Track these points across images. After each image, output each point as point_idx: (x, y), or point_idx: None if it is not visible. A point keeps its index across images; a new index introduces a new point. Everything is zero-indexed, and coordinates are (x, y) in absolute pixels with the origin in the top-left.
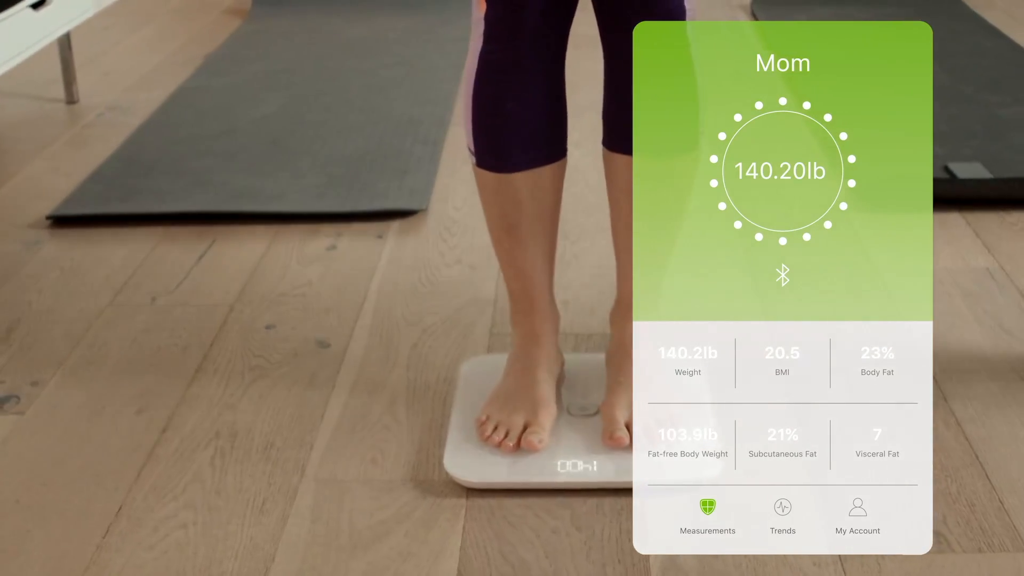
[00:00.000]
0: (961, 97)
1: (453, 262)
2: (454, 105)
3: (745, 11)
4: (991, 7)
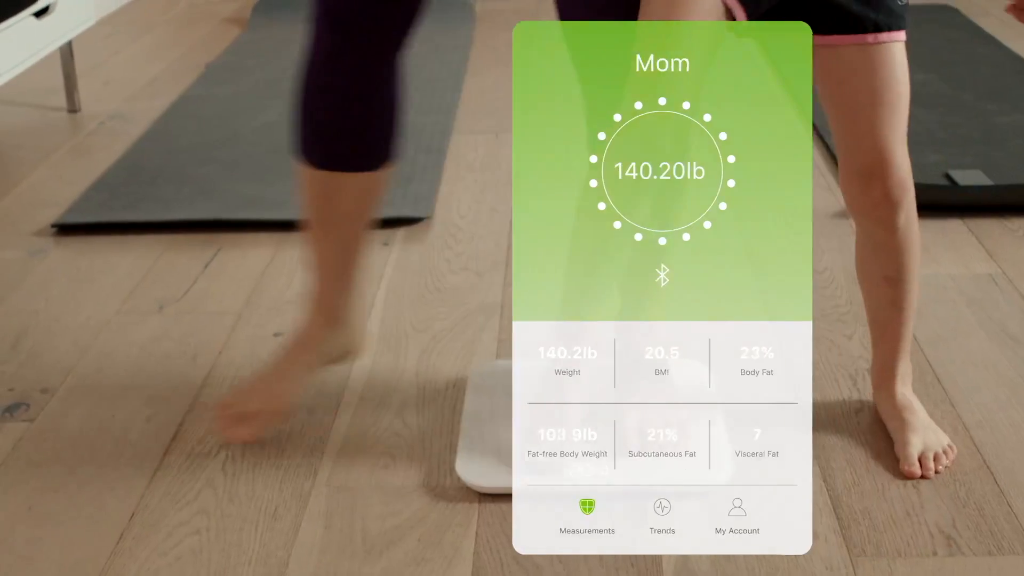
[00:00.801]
0: (960, 105)
1: (459, 268)
2: (456, 113)
3: None
4: (987, 16)
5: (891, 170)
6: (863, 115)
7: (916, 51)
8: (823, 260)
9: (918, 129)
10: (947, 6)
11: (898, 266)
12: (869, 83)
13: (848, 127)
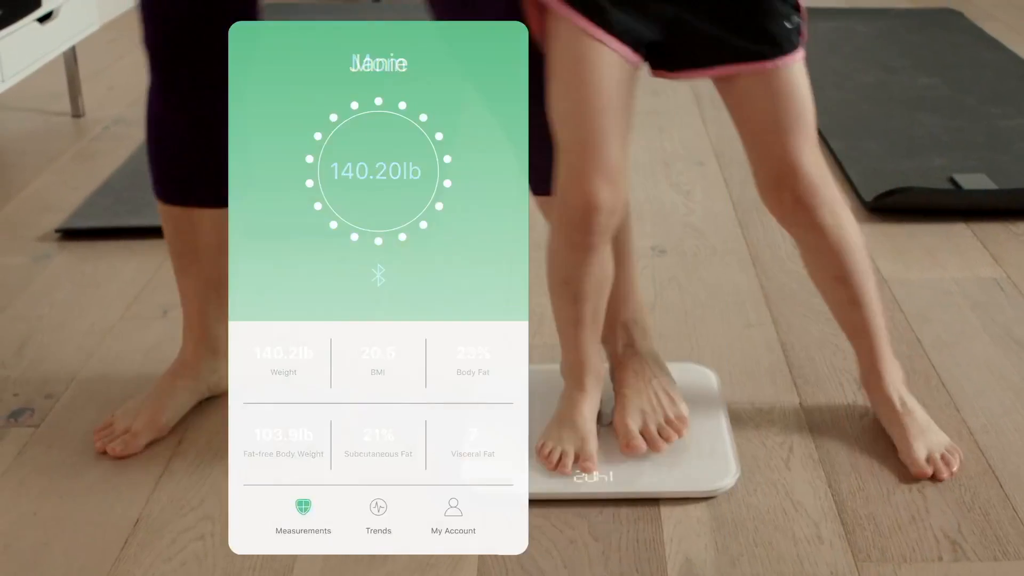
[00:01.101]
0: (964, 109)
1: None
2: None
3: None
4: (992, 19)
5: (798, 177)
6: (766, 133)
7: (920, 55)
8: None
9: (922, 134)
10: (951, 10)
11: (841, 264)
12: (768, 106)
13: (753, 144)
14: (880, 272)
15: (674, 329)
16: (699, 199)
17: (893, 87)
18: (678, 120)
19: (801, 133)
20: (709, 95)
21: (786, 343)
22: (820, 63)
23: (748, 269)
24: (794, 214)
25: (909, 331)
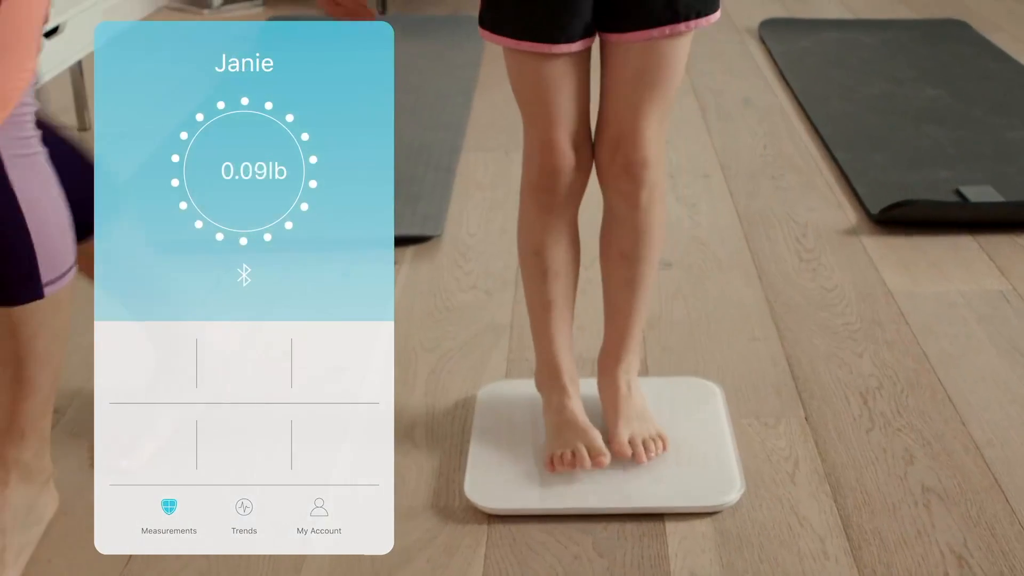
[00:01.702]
0: (970, 120)
1: (468, 287)
2: (466, 131)
3: (752, 34)
4: (999, 30)
5: (638, 143)
6: (632, 95)
7: (926, 67)
8: (833, 277)
9: (928, 145)
10: (958, 21)
11: (634, 243)
12: (649, 68)
13: (613, 101)
14: (886, 285)
15: (680, 343)
16: (705, 212)
17: (899, 99)
18: (684, 133)
19: (659, 104)
20: (715, 106)
21: (791, 357)
22: (826, 75)
23: (754, 282)
24: (617, 179)
25: (915, 344)
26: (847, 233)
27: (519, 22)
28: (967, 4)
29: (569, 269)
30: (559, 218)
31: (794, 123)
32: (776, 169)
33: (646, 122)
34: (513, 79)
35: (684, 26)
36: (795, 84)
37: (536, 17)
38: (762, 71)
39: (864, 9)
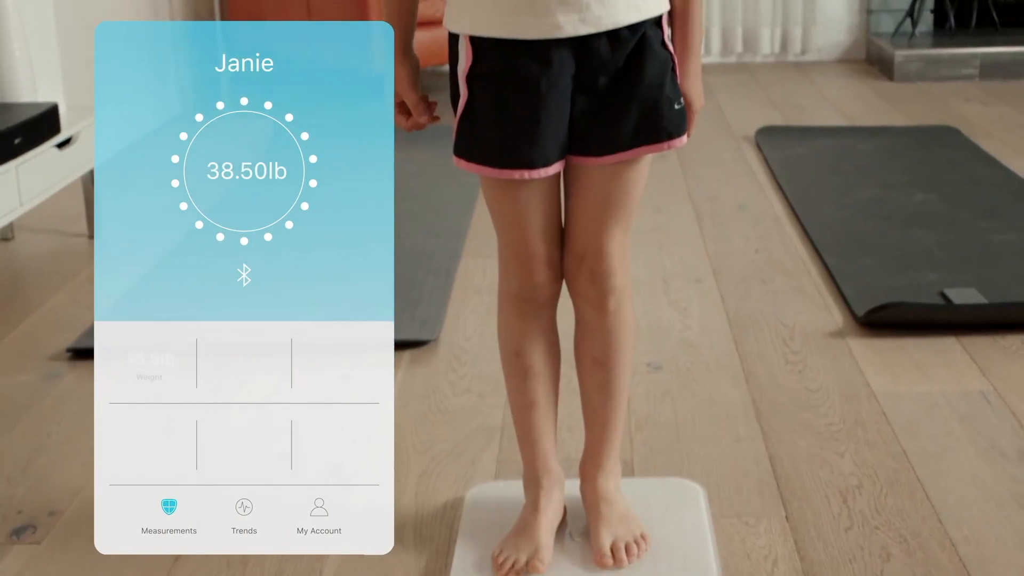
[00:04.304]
0: (958, 224)
1: (462, 391)
2: (467, 236)
3: (749, 141)
4: (989, 136)
5: (602, 256)
6: (596, 212)
7: (918, 172)
8: (817, 379)
9: (916, 249)
10: (949, 127)
11: (606, 348)
12: (612, 189)
13: (578, 219)
14: (870, 385)
15: (666, 443)
16: (696, 315)
17: (890, 203)
18: (678, 237)
19: (623, 219)
20: (710, 212)
21: (775, 457)
22: (822, 180)
23: (740, 384)
24: (585, 289)
25: (896, 443)
26: (833, 335)
27: (496, 151)
28: (958, 110)
29: (549, 369)
30: (536, 321)
31: (786, 228)
32: (767, 273)
33: (609, 236)
34: (489, 201)
35: (656, 147)
36: (789, 190)
37: (513, 145)
38: (757, 177)
39: (859, 116)
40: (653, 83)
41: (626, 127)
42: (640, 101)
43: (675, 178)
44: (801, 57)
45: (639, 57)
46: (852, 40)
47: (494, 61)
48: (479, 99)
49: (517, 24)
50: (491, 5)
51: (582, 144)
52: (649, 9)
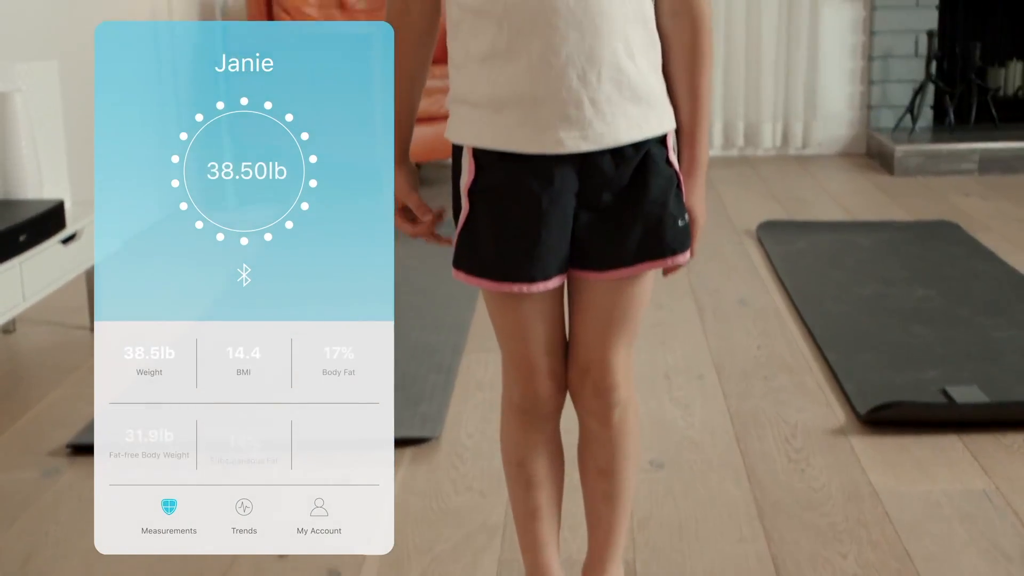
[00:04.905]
0: (957, 320)
1: (464, 489)
2: (469, 330)
3: (751, 235)
4: (988, 231)
5: (607, 370)
6: (600, 326)
7: (917, 267)
8: (820, 477)
9: (917, 345)
10: (949, 222)
11: (610, 459)
12: (616, 303)
13: (580, 333)
14: (872, 485)
15: (668, 544)
16: (698, 412)
17: (891, 299)
18: (680, 332)
19: (627, 333)
20: (712, 307)
21: (777, 557)
22: (822, 276)
23: (743, 483)
24: (589, 402)
25: (899, 544)
26: (835, 433)
27: (496, 264)
28: (958, 205)
29: (552, 479)
30: (540, 432)
31: (788, 323)
32: (769, 369)
33: (614, 350)
34: (490, 313)
35: (660, 263)
36: (790, 284)
37: (513, 259)
38: (759, 272)
39: (860, 210)
40: (657, 200)
41: (629, 243)
42: (644, 218)
43: (677, 273)
44: (802, 151)
45: (643, 174)
46: (853, 134)
47: (496, 175)
48: (480, 213)
49: (519, 139)
50: (493, 119)
51: (585, 259)
52: (652, 128)
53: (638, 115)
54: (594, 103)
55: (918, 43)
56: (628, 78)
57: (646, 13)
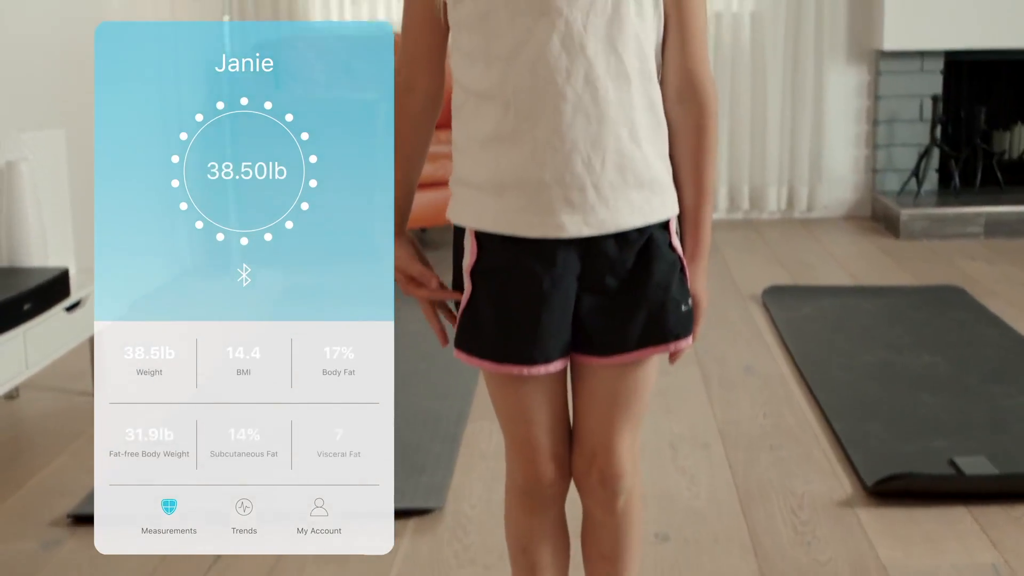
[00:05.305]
0: (965, 389)
1: (467, 562)
2: (473, 398)
3: (756, 301)
4: (994, 296)
5: (612, 458)
6: (604, 414)
7: (923, 333)
8: (826, 551)
9: (924, 414)
10: (955, 287)
11: (614, 544)
12: (619, 389)
13: (584, 419)
14: (879, 558)
15: None
16: (703, 483)
17: (897, 366)
18: (686, 400)
19: (632, 419)
20: (717, 375)
21: None
22: (827, 342)
23: (748, 556)
24: (594, 489)
25: None
26: (842, 504)
27: (496, 346)
28: (964, 269)
29: (557, 566)
30: (544, 516)
31: (794, 391)
32: (775, 439)
33: (619, 437)
34: (491, 395)
35: (662, 348)
36: (796, 351)
37: (514, 340)
38: (764, 338)
39: (865, 274)
40: (660, 284)
41: (632, 328)
42: (647, 303)
43: None
44: (808, 214)
45: (646, 259)
46: (858, 198)
47: (498, 257)
48: (482, 294)
49: (521, 223)
50: (496, 202)
51: (587, 343)
52: (655, 214)
53: (641, 201)
54: (597, 188)
55: (923, 107)
56: (633, 164)
57: (653, 98)
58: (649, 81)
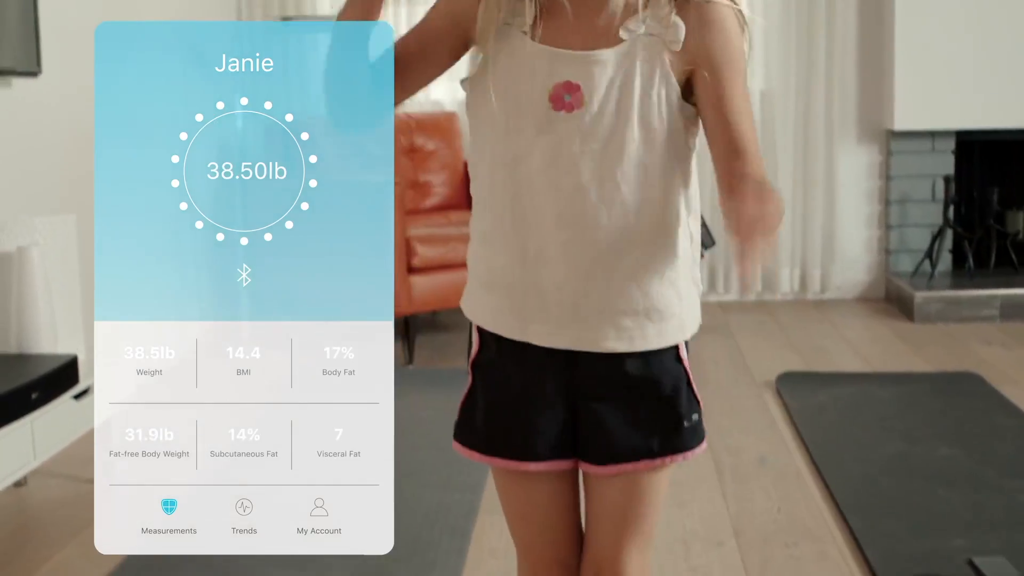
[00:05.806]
0: (983, 483)
1: None
2: (484, 490)
3: (770, 387)
4: (1011, 383)
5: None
6: (610, 527)
7: (940, 423)
8: None
9: (942, 510)
10: (971, 373)
11: None
12: (628, 502)
13: (592, 530)
14: None
15: None
16: None
17: (913, 459)
18: (699, 495)
19: (642, 534)
20: (731, 467)
21: None
22: (843, 433)
23: None
24: None
25: None
26: None
27: (488, 439)
28: (980, 354)
29: None
30: None
31: (809, 485)
32: (790, 536)
33: (626, 554)
34: (498, 490)
35: (659, 461)
36: (811, 442)
37: (503, 435)
38: (778, 427)
39: (879, 359)
40: (663, 396)
41: (632, 440)
42: (650, 416)
43: None
44: (821, 295)
45: (647, 373)
46: (871, 279)
47: (492, 351)
48: (479, 386)
49: (502, 324)
50: (488, 299)
51: (584, 451)
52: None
53: (633, 326)
54: (575, 308)
55: (935, 188)
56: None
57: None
58: (665, 208)
